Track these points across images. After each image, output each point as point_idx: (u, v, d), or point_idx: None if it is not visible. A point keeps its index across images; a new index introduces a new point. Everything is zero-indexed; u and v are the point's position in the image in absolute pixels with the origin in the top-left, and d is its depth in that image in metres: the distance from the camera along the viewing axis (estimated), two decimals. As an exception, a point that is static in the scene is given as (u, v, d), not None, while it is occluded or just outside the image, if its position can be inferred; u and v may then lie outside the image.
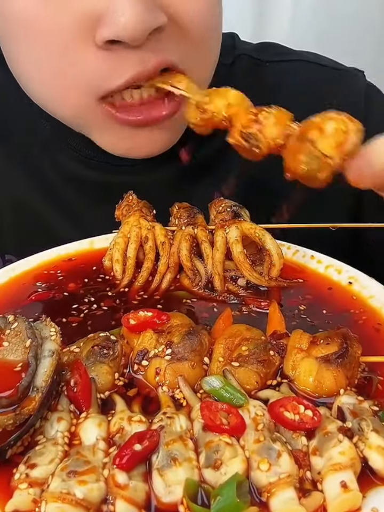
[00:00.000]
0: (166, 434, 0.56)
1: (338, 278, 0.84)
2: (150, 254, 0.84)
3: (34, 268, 0.86)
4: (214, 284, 0.82)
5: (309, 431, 0.57)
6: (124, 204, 0.91)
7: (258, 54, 1.07)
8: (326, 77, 1.08)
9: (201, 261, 0.84)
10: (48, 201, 1.04)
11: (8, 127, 1.04)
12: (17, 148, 1.04)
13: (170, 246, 0.85)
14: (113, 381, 0.64)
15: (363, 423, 0.57)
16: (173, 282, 0.83)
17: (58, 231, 1.04)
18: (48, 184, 1.04)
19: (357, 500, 0.51)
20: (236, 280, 0.83)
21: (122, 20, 0.68)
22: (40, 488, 0.52)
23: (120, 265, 0.83)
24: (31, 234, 1.05)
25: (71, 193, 1.04)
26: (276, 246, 0.82)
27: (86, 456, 0.54)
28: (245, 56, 1.06)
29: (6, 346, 0.61)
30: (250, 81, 1.02)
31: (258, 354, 0.65)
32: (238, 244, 0.82)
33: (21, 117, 1.02)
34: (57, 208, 1.05)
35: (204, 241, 0.84)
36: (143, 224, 0.86)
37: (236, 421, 0.57)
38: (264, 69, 1.06)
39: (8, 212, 1.06)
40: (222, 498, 0.50)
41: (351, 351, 0.64)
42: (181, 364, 0.64)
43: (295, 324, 0.75)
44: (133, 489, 0.51)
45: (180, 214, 0.89)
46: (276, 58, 1.08)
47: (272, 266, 0.82)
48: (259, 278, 0.82)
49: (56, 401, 0.60)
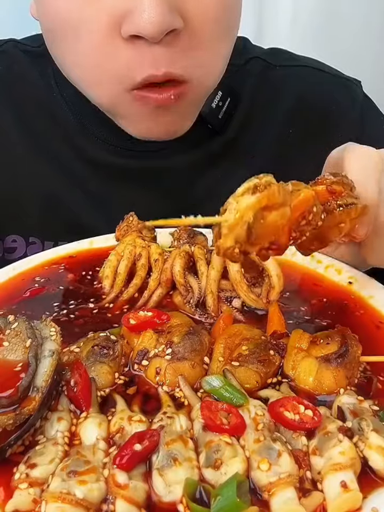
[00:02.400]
0: (166, 434, 0.56)
1: (338, 278, 0.84)
2: (140, 271, 0.82)
3: (34, 267, 0.86)
4: (207, 302, 0.77)
5: (309, 431, 0.57)
6: (123, 224, 0.90)
7: (270, 58, 1.13)
8: (328, 83, 1.13)
9: (196, 278, 0.80)
10: (74, 190, 1.07)
11: (33, 120, 1.07)
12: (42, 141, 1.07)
13: (164, 263, 0.82)
14: (113, 380, 0.64)
15: (363, 423, 0.57)
16: (164, 299, 0.80)
17: (84, 218, 1.07)
18: (74, 173, 1.07)
19: (357, 499, 0.51)
20: (230, 301, 0.78)
21: (145, 16, 0.75)
22: (40, 488, 0.52)
23: (109, 281, 0.82)
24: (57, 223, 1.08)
25: (95, 179, 1.07)
26: (275, 266, 0.78)
27: (86, 456, 0.54)
28: (258, 59, 1.12)
29: (6, 346, 0.61)
30: (260, 82, 1.11)
31: (258, 354, 0.65)
32: (236, 263, 0.77)
33: (46, 110, 1.06)
34: (82, 196, 1.07)
35: (200, 259, 0.81)
36: (138, 243, 0.85)
37: (236, 420, 0.57)
38: (274, 72, 1.12)
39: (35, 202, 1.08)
40: (222, 498, 0.50)
41: (351, 350, 0.64)
42: (181, 364, 0.64)
43: (295, 324, 0.75)
44: (133, 489, 0.51)
45: (180, 235, 0.87)
46: (285, 63, 1.14)
47: (271, 288, 0.78)
48: (256, 300, 0.77)
49: (56, 401, 0.60)
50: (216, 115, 1.04)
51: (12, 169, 1.07)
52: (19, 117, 1.07)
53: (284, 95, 1.10)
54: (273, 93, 1.10)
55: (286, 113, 1.10)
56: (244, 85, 1.09)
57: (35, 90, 1.07)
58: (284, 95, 1.10)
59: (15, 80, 1.08)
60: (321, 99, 1.11)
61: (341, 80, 1.15)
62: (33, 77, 1.07)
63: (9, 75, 1.08)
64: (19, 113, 1.07)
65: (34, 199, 1.07)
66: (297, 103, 1.10)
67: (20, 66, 1.08)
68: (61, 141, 1.06)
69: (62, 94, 1.05)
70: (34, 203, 1.08)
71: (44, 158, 1.07)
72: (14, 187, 1.08)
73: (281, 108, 1.10)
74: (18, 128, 1.07)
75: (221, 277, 0.80)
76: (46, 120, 1.07)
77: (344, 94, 1.12)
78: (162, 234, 0.91)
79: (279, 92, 1.10)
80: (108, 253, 0.86)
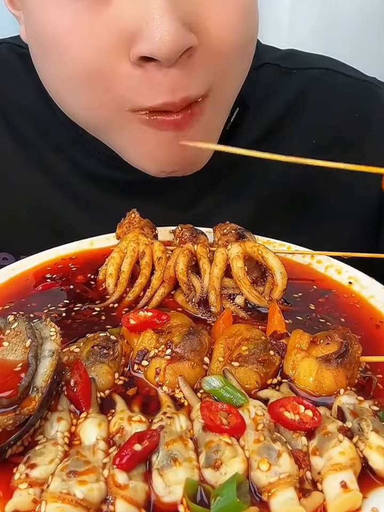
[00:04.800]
0: (166, 434, 0.55)
1: (338, 278, 0.84)
2: (145, 269, 0.81)
3: (34, 267, 0.86)
4: (209, 299, 0.76)
5: (309, 431, 0.57)
6: (125, 221, 0.89)
7: (285, 62, 1.06)
8: (350, 87, 1.06)
9: (198, 277, 0.80)
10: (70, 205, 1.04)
11: (25, 130, 1.04)
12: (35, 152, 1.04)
13: (167, 260, 0.82)
14: (113, 381, 0.64)
15: (363, 423, 0.57)
16: (166, 298, 0.79)
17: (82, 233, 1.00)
18: (70, 187, 1.03)
19: (357, 500, 0.51)
20: (233, 298, 0.78)
21: (157, 35, 0.68)
22: (40, 488, 0.52)
23: (113, 280, 0.80)
24: (48, 233, 1.04)
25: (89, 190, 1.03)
26: (279, 264, 0.78)
27: (86, 456, 0.54)
28: (270, 66, 1.05)
29: (6, 346, 0.61)
30: (276, 87, 1.03)
31: (258, 354, 0.65)
32: (239, 260, 0.78)
33: (39, 120, 1.02)
34: (80, 211, 1.04)
35: (203, 257, 0.80)
36: (141, 240, 0.84)
37: (236, 421, 0.57)
38: (291, 76, 1.05)
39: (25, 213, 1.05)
40: (222, 498, 0.50)
41: (351, 350, 0.64)
42: (181, 364, 0.64)
43: (295, 324, 0.74)
44: (133, 489, 0.51)
45: (182, 234, 0.86)
46: (302, 66, 1.07)
47: (275, 286, 0.77)
48: (258, 297, 0.76)
49: (56, 401, 0.60)
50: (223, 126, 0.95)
51: (4, 182, 1.04)
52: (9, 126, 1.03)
53: (303, 101, 1.03)
54: (292, 98, 1.04)
55: (306, 122, 1.03)
56: (254, 94, 1.01)
57: (27, 97, 1.02)
58: (304, 101, 1.03)
59: (6, 87, 1.03)
60: (345, 104, 1.04)
61: (364, 84, 1.07)
62: (28, 84, 1.00)
63: (1, 81, 1.03)
64: (9, 122, 1.03)
65: (28, 214, 1.04)
66: (318, 110, 1.04)
67: (12, 72, 1.03)
68: (55, 152, 1.02)
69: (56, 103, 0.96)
70: (27, 218, 1.04)
71: (37, 169, 1.03)
72: (5, 201, 1.04)
73: (300, 117, 1.03)
74: (10, 138, 1.03)
75: (224, 275, 0.79)
76: (38, 131, 1.02)
77: (369, 98, 1.05)
78: (162, 233, 0.91)
79: (299, 98, 1.04)
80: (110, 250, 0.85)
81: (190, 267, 0.81)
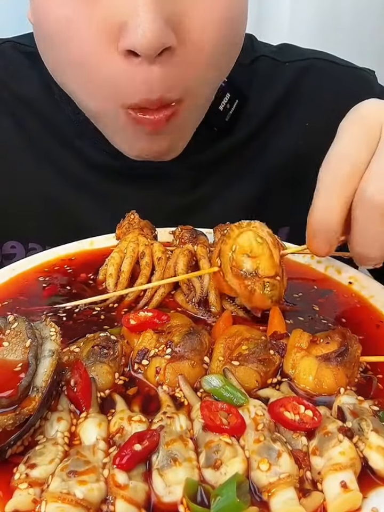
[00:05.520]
0: (166, 434, 0.55)
1: (338, 278, 0.84)
2: (145, 269, 0.81)
3: (34, 267, 0.86)
4: (210, 299, 0.77)
5: (309, 431, 0.57)
6: (125, 222, 0.90)
7: (278, 55, 1.10)
8: (342, 74, 1.10)
9: (198, 277, 0.79)
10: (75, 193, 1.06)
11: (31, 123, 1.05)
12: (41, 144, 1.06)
13: (167, 261, 0.82)
14: (114, 380, 0.64)
15: (363, 423, 0.57)
16: (166, 298, 0.80)
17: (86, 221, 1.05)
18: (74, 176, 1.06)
19: (357, 500, 0.51)
20: (233, 298, 0.77)
21: (140, 31, 0.72)
22: (40, 488, 0.52)
23: (113, 280, 0.81)
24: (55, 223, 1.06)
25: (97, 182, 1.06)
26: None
27: (86, 456, 0.54)
28: (265, 58, 1.09)
29: (6, 346, 0.61)
30: (270, 80, 1.07)
31: (258, 353, 0.65)
32: None
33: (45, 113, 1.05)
34: (84, 199, 1.06)
35: (203, 257, 0.81)
36: (141, 241, 0.84)
37: (236, 420, 0.57)
38: (283, 69, 1.08)
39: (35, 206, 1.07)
40: (222, 498, 0.50)
41: (351, 349, 0.64)
42: (181, 363, 0.64)
43: (295, 324, 0.74)
44: (133, 489, 0.51)
45: (181, 235, 0.87)
46: (295, 58, 1.10)
47: None
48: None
49: (56, 401, 0.60)
50: (223, 118, 1.02)
51: (10, 172, 1.06)
52: (16, 120, 1.05)
53: (297, 91, 1.07)
54: (285, 90, 1.07)
55: (300, 109, 1.07)
56: (251, 85, 1.05)
57: (32, 93, 1.04)
58: (298, 91, 1.07)
59: (11, 82, 1.06)
60: (337, 92, 1.06)
61: (355, 71, 1.11)
62: (33, 79, 1.04)
63: (5, 77, 1.06)
64: (16, 116, 1.05)
65: (34, 203, 1.06)
66: (311, 98, 1.07)
67: (17, 68, 1.06)
68: (60, 144, 1.05)
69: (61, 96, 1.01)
70: (33, 207, 1.06)
71: (43, 161, 1.05)
72: (12, 191, 1.06)
73: (294, 105, 1.07)
74: (17, 132, 1.05)
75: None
76: (44, 123, 1.05)
77: (361, 86, 1.07)
78: (161, 233, 0.91)
79: (292, 88, 1.07)
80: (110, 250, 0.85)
81: (190, 267, 0.81)
